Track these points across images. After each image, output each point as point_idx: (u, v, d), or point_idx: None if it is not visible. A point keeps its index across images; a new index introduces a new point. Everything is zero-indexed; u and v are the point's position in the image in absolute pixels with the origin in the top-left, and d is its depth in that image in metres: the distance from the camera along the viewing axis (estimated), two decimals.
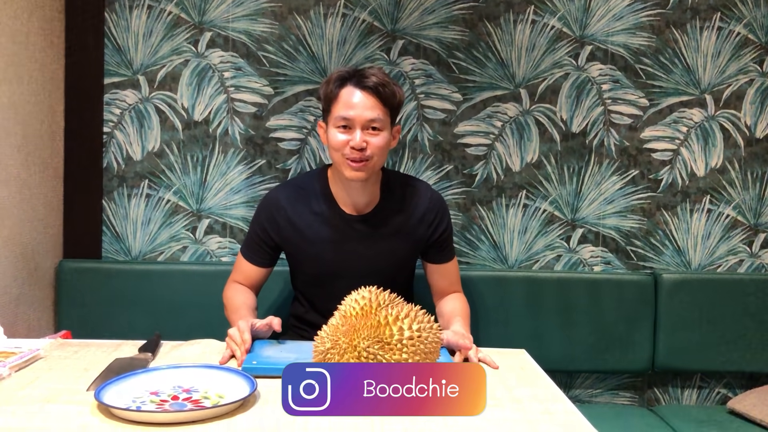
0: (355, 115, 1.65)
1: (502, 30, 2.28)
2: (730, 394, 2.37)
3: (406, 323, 1.26)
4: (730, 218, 2.35)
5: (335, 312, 1.33)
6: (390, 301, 1.33)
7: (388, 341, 1.22)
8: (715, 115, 2.32)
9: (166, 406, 1.22)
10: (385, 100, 1.67)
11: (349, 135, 1.66)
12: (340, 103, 1.67)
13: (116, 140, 2.28)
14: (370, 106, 1.65)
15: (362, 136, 1.65)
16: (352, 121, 1.65)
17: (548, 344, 2.23)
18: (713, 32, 2.29)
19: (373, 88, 1.66)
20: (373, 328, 1.24)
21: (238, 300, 1.77)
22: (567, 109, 2.31)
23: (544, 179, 2.32)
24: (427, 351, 1.25)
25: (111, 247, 2.31)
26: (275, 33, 2.26)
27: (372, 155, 1.67)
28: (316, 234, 1.78)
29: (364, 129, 1.66)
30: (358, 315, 1.29)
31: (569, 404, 1.30)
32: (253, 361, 1.43)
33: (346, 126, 1.66)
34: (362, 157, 1.66)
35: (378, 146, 1.67)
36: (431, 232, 1.82)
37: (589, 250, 2.35)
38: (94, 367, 1.43)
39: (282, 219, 1.79)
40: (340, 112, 1.66)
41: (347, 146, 1.66)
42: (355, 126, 1.65)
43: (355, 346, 1.21)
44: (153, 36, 2.26)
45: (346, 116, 1.65)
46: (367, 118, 1.65)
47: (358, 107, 1.65)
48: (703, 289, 2.26)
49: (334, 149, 1.69)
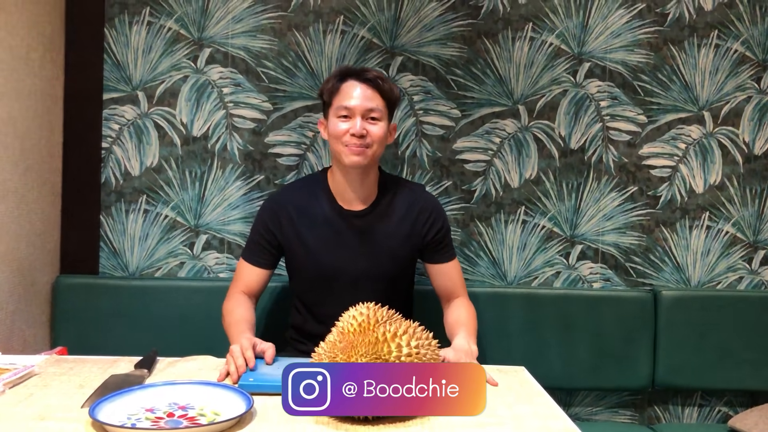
0: (355, 105, 1.74)
1: (500, 47, 2.29)
2: (731, 413, 2.35)
3: (405, 340, 1.25)
4: (729, 235, 2.34)
5: (333, 329, 1.32)
6: (388, 317, 1.33)
7: (386, 358, 1.21)
8: (713, 132, 2.32)
9: (161, 424, 1.21)
10: (383, 93, 1.77)
11: (350, 123, 1.75)
12: (341, 95, 1.77)
13: (115, 155, 2.28)
14: (369, 97, 1.75)
15: (362, 123, 1.74)
16: (352, 110, 1.74)
17: (547, 361, 2.21)
18: (711, 49, 2.30)
19: (372, 81, 1.76)
20: (371, 344, 1.23)
21: (237, 314, 1.76)
22: (565, 125, 2.31)
23: (542, 195, 2.32)
24: None
25: (108, 262, 2.30)
26: (274, 49, 2.27)
27: (371, 143, 1.75)
28: (315, 232, 1.83)
29: (364, 118, 1.75)
30: (355, 331, 1.28)
31: (569, 422, 1.29)
32: (249, 378, 1.42)
33: (346, 116, 1.75)
34: (362, 144, 1.74)
35: (377, 134, 1.76)
36: (426, 230, 1.87)
37: (588, 267, 2.34)
38: (89, 384, 1.42)
39: (284, 217, 1.85)
40: (342, 102, 1.76)
41: (347, 134, 1.75)
42: (355, 115, 1.75)
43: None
44: (152, 52, 2.26)
45: (347, 106, 1.74)
46: (367, 107, 1.75)
47: (358, 98, 1.75)
48: (703, 306, 2.25)
49: (335, 138, 1.77)
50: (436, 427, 1.24)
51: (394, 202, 1.87)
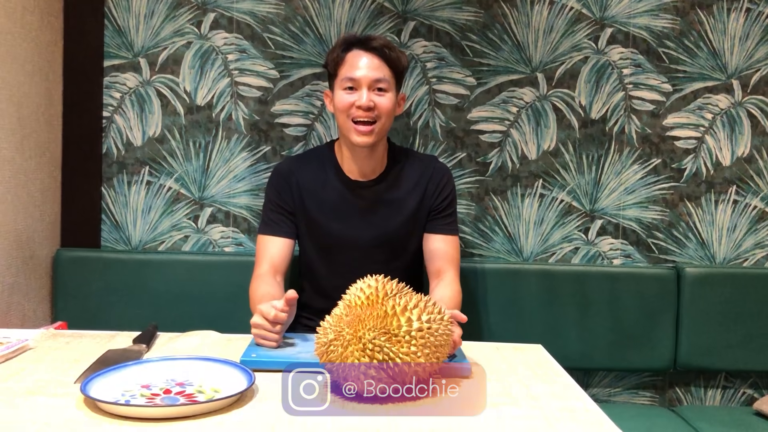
0: (361, 76, 1.67)
1: (518, 11, 2.18)
2: (756, 395, 2.26)
3: (415, 314, 1.16)
4: (757, 210, 2.24)
5: (339, 302, 1.24)
6: (398, 290, 1.24)
7: (396, 333, 1.13)
8: (742, 101, 2.21)
9: (156, 401, 1.14)
10: (390, 62, 1.69)
11: (356, 95, 1.67)
12: (347, 65, 1.69)
13: (116, 125, 2.20)
14: (376, 67, 1.68)
15: (369, 95, 1.67)
16: (358, 81, 1.67)
17: (565, 340, 2.14)
18: (741, 14, 2.18)
19: (378, 50, 1.68)
20: (380, 318, 1.15)
21: (261, 291, 1.67)
22: (586, 94, 2.20)
23: (561, 168, 2.22)
24: (438, 344, 1.16)
25: (110, 235, 2.23)
26: (281, 14, 2.18)
27: (379, 115, 1.68)
28: (322, 202, 1.78)
29: (371, 89, 1.67)
30: (363, 305, 1.20)
31: (590, 402, 1.21)
32: (252, 354, 1.35)
33: (352, 87, 1.68)
34: (369, 118, 1.67)
35: (385, 107, 1.69)
36: (434, 200, 1.79)
37: (609, 243, 2.25)
38: (85, 359, 1.35)
39: (293, 184, 1.79)
40: (347, 73, 1.68)
41: (353, 107, 1.68)
42: (362, 86, 1.67)
43: (360, 337, 1.12)
44: (154, 17, 2.18)
45: (353, 77, 1.67)
46: (373, 78, 1.67)
47: (364, 68, 1.67)
48: (728, 284, 2.15)
49: (340, 111, 1.70)
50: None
51: (404, 173, 1.80)
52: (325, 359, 1.16)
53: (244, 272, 2.11)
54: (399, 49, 1.74)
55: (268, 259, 1.76)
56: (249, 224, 2.22)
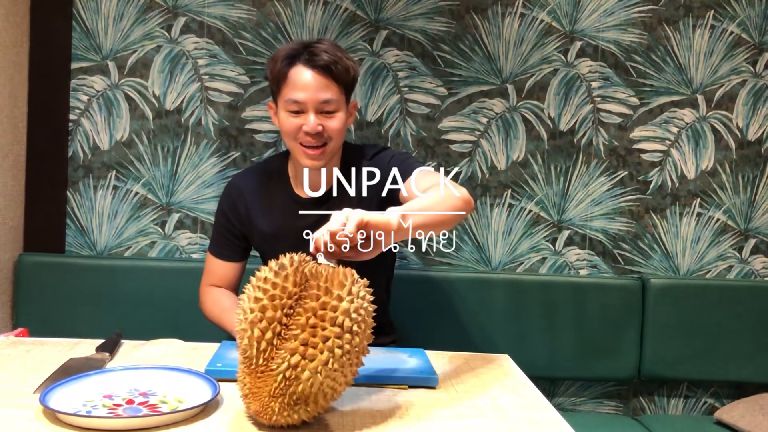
0: (307, 98, 1.52)
1: (489, 23, 2.20)
2: (717, 404, 2.30)
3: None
4: (720, 222, 2.28)
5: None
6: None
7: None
8: (706, 116, 2.25)
9: (119, 411, 1.12)
10: (338, 78, 1.54)
11: (302, 119, 1.54)
12: (290, 85, 1.54)
13: (83, 128, 2.17)
14: (323, 87, 1.53)
15: (316, 119, 1.53)
16: (304, 104, 1.53)
17: (531, 350, 2.15)
18: (706, 30, 2.23)
19: (324, 67, 1.52)
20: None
21: (227, 302, 1.63)
22: (555, 106, 2.23)
23: (530, 179, 2.24)
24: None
25: (75, 240, 2.19)
26: (253, 20, 2.17)
27: (330, 137, 1.55)
28: (272, 221, 1.67)
29: (318, 112, 1.54)
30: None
31: (555, 413, 1.22)
32: (217, 363, 1.33)
33: (298, 111, 1.54)
34: (318, 142, 1.54)
35: (335, 129, 1.55)
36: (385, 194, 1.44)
37: (576, 253, 2.27)
38: (46, 368, 1.32)
39: (242, 206, 1.69)
40: (291, 95, 1.53)
41: (300, 131, 1.54)
42: (308, 109, 1.53)
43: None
44: (124, 20, 2.15)
45: (298, 99, 1.53)
46: (320, 100, 1.53)
47: (310, 89, 1.52)
48: (692, 295, 2.19)
49: (286, 135, 1.58)
50: (414, 416, 1.16)
51: (356, 179, 1.58)
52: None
53: None
54: (347, 57, 1.58)
55: (218, 278, 1.72)
56: None
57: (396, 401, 1.23)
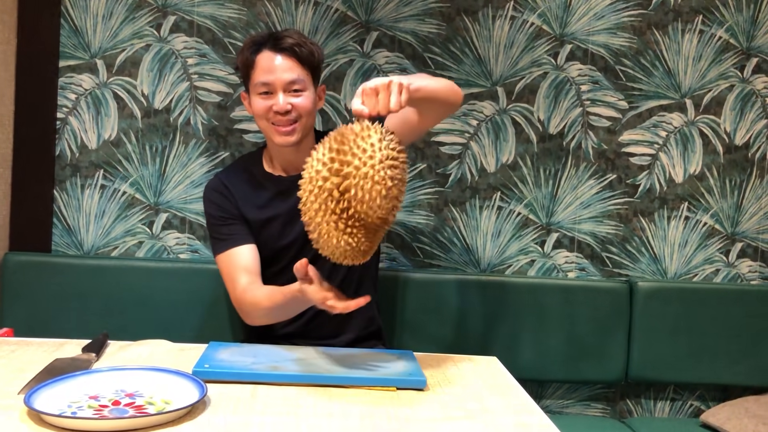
0: (274, 79, 1.63)
1: (480, 25, 2.20)
2: (703, 407, 2.31)
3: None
4: (707, 226, 2.30)
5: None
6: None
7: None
8: (695, 120, 2.27)
9: (104, 412, 1.12)
10: (303, 60, 1.65)
11: (272, 100, 1.64)
12: (258, 69, 1.65)
13: (70, 127, 2.15)
14: (289, 68, 1.64)
15: (285, 98, 1.63)
16: (272, 85, 1.64)
17: (519, 352, 2.15)
18: (695, 35, 2.24)
19: (289, 49, 1.64)
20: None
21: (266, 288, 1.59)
22: (545, 109, 2.23)
23: (519, 181, 2.25)
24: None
25: (62, 240, 2.17)
26: (243, 19, 2.16)
27: (299, 115, 1.65)
28: (258, 205, 1.73)
29: (286, 92, 1.64)
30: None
31: (543, 417, 1.22)
32: (205, 364, 1.33)
33: (267, 92, 1.64)
34: (289, 121, 1.64)
35: (303, 106, 1.65)
36: None
37: (564, 256, 2.28)
38: (31, 368, 1.31)
39: (229, 196, 1.74)
40: (260, 78, 1.64)
41: (271, 111, 1.64)
42: (276, 90, 1.64)
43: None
44: (113, 18, 2.13)
45: (266, 81, 1.64)
46: (287, 80, 1.64)
47: (277, 70, 1.63)
48: (679, 299, 2.20)
49: (259, 117, 1.68)
50: (402, 418, 1.16)
51: None
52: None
53: (199, 279, 2.09)
54: (311, 42, 1.69)
55: (244, 270, 1.65)
56: (205, 231, 2.18)
57: (384, 403, 1.23)
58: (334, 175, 1.17)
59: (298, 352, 1.45)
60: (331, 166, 1.18)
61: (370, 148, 1.17)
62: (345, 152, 1.17)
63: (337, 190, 1.17)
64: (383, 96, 1.25)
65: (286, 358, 1.39)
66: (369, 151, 1.17)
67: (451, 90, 1.57)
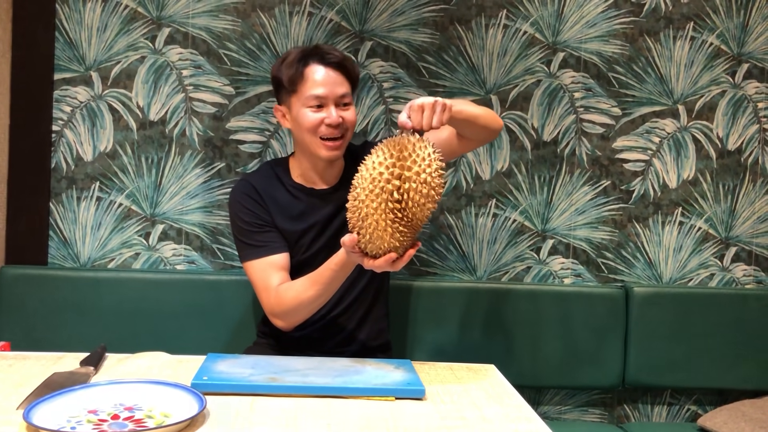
0: (328, 93, 1.66)
1: (473, 34, 2.22)
2: (700, 411, 2.32)
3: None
4: (701, 231, 2.31)
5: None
6: None
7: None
8: (687, 126, 2.28)
9: (104, 427, 1.12)
10: (350, 76, 1.70)
11: (324, 113, 1.66)
12: (309, 82, 1.66)
13: (66, 139, 2.16)
14: (339, 82, 1.68)
15: (337, 112, 1.66)
16: (325, 98, 1.66)
17: (516, 359, 2.16)
18: (686, 42, 2.26)
19: (338, 64, 1.68)
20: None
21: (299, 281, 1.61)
22: (538, 116, 2.25)
23: (514, 188, 2.26)
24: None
25: (58, 252, 2.17)
26: (237, 30, 2.17)
27: (347, 129, 1.69)
28: (290, 214, 1.74)
29: (337, 105, 1.67)
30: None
31: (541, 424, 1.23)
32: (204, 376, 1.33)
33: (319, 105, 1.66)
34: (338, 134, 1.67)
35: (351, 120, 1.70)
36: None
37: (560, 262, 2.29)
38: (29, 383, 1.31)
39: (259, 200, 1.73)
40: (312, 91, 1.66)
41: (322, 125, 1.66)
42: (329, 103, 1.66)
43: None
44: (108, 30, 2.14)
45: (319, 95, 1.66)
46: (339, 94, 1.67)
47: (329, 84, 1.66)
48: (674, 303, 2.21)
49: (307, 130, 1.67)
50: (401, 428, 1.16)
51: None
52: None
53: (197, 290, 2.09)
54: (351, 58, 1.77)
55: (278, 275, 1.66)
56: (202, 242, 2.19)
57: (383, 413, 1.23)
58: (396, 178, 1.29)
59: (296, 363, 1.45)
60: (393, 170, 1.28)
61: (428, 157, 1.30)
62: (405, 158, 1.29)
63: (397, 192, 1.29)
64: (428, 113, 1.37)
65: (284, 369, 1.40)
66: (427, 160, 1.30)
67: (491, 117, 1.68)
